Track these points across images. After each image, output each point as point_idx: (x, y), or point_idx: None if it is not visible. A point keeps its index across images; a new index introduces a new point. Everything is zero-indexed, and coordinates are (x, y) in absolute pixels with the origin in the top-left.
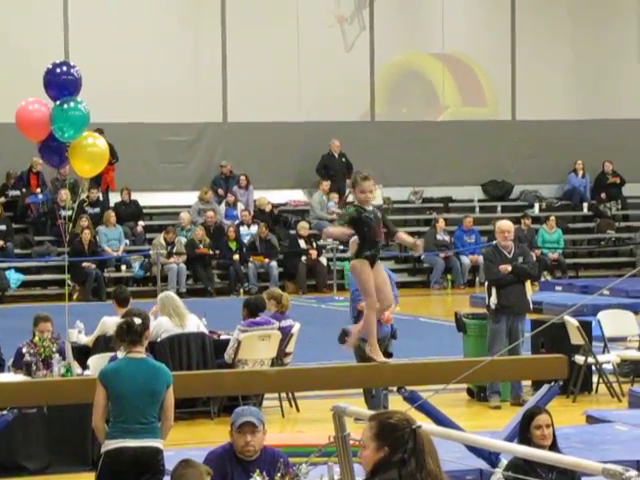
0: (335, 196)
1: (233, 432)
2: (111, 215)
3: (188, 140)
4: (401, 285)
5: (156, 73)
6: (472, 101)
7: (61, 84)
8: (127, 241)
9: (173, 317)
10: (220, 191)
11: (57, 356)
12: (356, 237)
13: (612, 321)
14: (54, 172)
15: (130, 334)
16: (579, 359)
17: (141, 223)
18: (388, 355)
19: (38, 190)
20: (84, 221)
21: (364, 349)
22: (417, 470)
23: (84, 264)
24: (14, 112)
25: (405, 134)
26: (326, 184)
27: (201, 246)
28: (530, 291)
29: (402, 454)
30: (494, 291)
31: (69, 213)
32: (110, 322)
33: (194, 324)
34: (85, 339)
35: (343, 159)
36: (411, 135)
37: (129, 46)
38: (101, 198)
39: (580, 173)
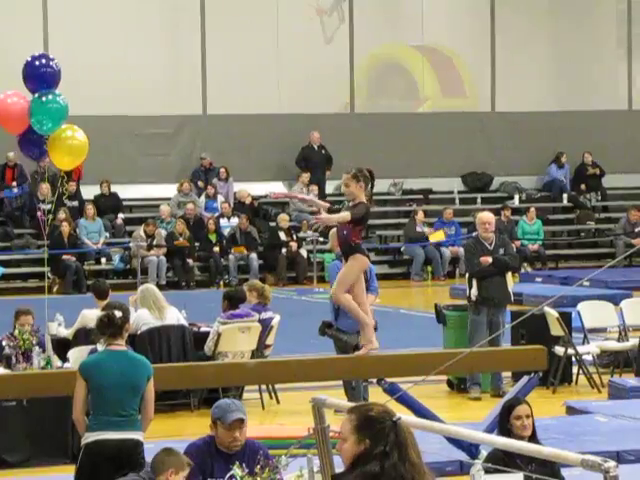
0: (314, 188)
1: (218, 427)
2: (90, 208)
3: (168, 132)
4: (381, 277)
5: (135, 65)
6: (452, 92)
7: (40, 77)
8: (107, 234)
9: (153, 309)
10: (200, 183)
11: (37, 349)
12: (335, 230)
13: (592, 312)
14: (34, 165)
15: (111, 327)
16: (559, 350)
17: (121, 216)
18: None
19: (14, 184)
20: (61, 214)
21: (344, 341)
22: (400, 462)
23: (64, 257)
24: None
25: (385, 126)
26: (306, 176)
27: (181, 238)
28: (511, 283)
29: (384, 447)
30: (475, 283)
31: (49, 206)
32: (90, 315)
33: (174, 316)
34: (65, 332)
35: (323, 151)
36: (391, 127)
37: (108, 38)
38: (80, 189)
39: (559, 164)
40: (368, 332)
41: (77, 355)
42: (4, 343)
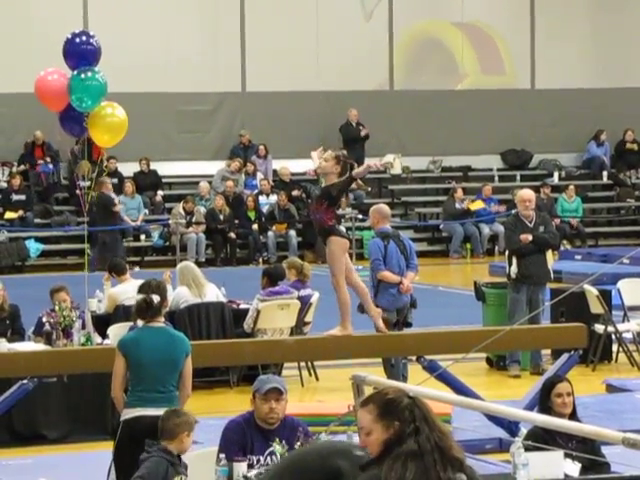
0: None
1: (256, 399)
2: (130, 185)
3: (207, 110)
4: (420, 254)
5: (174, 42)
6: (491, 70)
7: (80, 54)
8: (146, 211)
9: (192, 287)
10: (239, 161)
11: (77, 325)
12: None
13: (632, 290)
14: (71, 142)
15: (149, 311)
16: (599, 328)
17: (160, 193)
18: (407, 324)
19: (47, 159)
20: (103, 181)
21: (383, 317)
22: (431, 433)
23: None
24: (33, 82)
25: (424, 103)
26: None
27: (221, 216)
28: (551, 260)
29: (413, 423)
30: (515, 260)
31: (88, 183)
32: (117, 293)
33: (213, 294)
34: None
35: (360, 128)
36: (430, 104)
37: (147, 15)
38: (117, 167)
39: (599, 142)
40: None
41: (117, 332)
42: (44, 319)
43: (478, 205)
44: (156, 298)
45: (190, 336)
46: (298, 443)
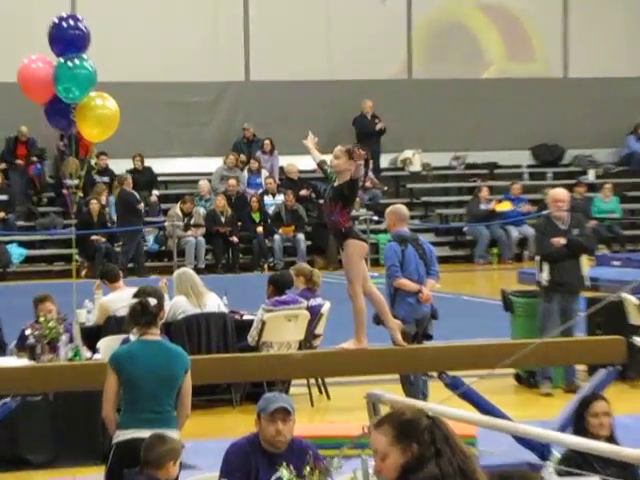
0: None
1: (262, 420)
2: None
3: (207, 101)
4: (442, 260)
5: (170, 27)
6: (520, 56)
7: (67, 39)
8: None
9: (191, 296)
10: (242, 157)
11: (64, 338)
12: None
13: None
14: (57, 137)
15: (145, 315)
16: (638, 341)
17: (155, 192)
18: (427, 337)
19: (34, 159)
20: (101, 189)
21: (401, 330)
22: (453, 456)
23: (93, 237)
24: (15, 71)
25: (446, 93)
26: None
27: (222, 218)
28: (586, 266)
29: (433, 445)
30: (546, 266)
31: (75, 182)
32: (109, 302)
33: (214, 303)
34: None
35: (376, 121)
36: (452, 94)
37: None
38: (109, 166)
39: (639, 136)
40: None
41: (108, 345)
42: (28, 332)
43: (505, 206)
44: (153, 301)
45: (189, 350)
46: (307, 468)
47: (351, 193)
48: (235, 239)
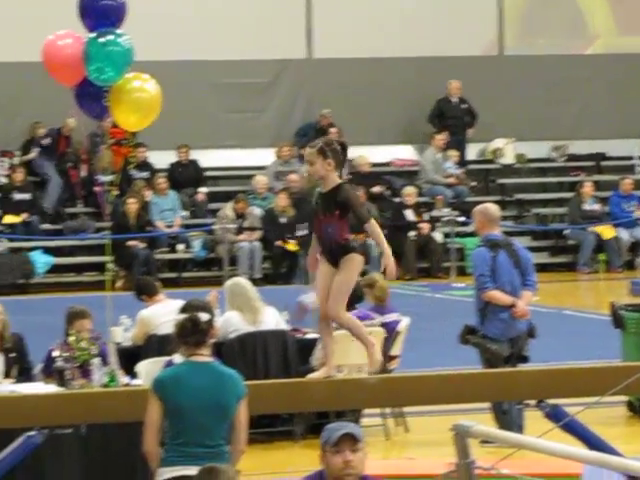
0: (454, 153)
1: (327, 453)
2: (163, 180)
3: (262, 82)
4: (540, 268)
5: None
6: (631, 29)
7: (100, 12)
8: (185, 213)
9: (245, 311)
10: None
11: (97, 361)
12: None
13: None
14: (92, 125)
15: (196, 334)
16: None
17: (202, 190)
18: (523, 359)
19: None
20: (139, 186)
21: (492, 350)
22: None
23: (130, 243)
24: (40, 48)
25: (543, 72)
26: (441, 138)
27: (283, 219)
28: None
29: None
30: None
31: (109, 178)
32: (151, 317)
33: (271, 320)
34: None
35: (464, 105)
36: (551, 74)
37: None
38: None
39: None
40: (374, 352)
41: (149, 369)
42: (56, 354)
43: (608, 234)
44: (204, 317)
45: (243, 374)
46: None
47: (346, 197)
48: (296, 244)
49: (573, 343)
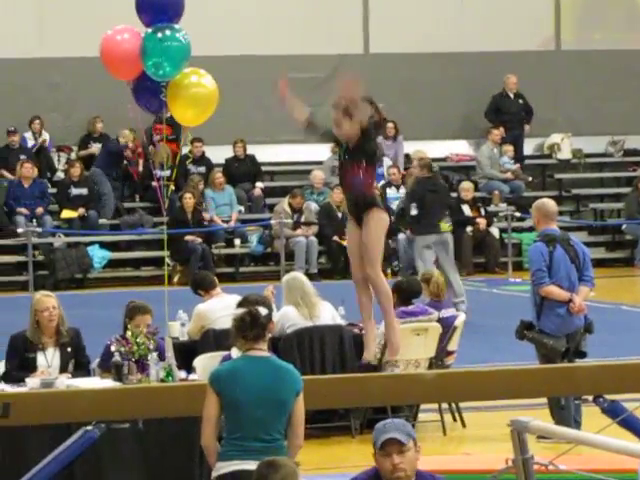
0: (509, 148)
1: (376, 454)
2: (220, 175)
3: (319, 77)
4: (597, 263)
5: None
6: None
7: (158, 7)
8: (241, 208)
9: (301, 306)
10: None
11: (154, 356)
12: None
13: None
14: (148, 119)
15: (255, 328)
16: None
17: (259, 185)
18: (581, 354)
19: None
20: (196, 181)
21: (549, 346)
22: None
23: (187, 238)
24: (98, 43)
25: (601, 67)
26: (497, 133)
27: (339, 214)
28: None
29: None
30: None
31: (167, 173)
32: (208, 310)
33: (328, 315)
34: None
35: (520, 100)
36: (608, 68)
37: None
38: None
39: None
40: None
41: (206, 364)
42: (113, 348)
43: None
44: (264, 311)
45: (300, 369)
46: None
47: (372, 144)
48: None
49: (630, 338)
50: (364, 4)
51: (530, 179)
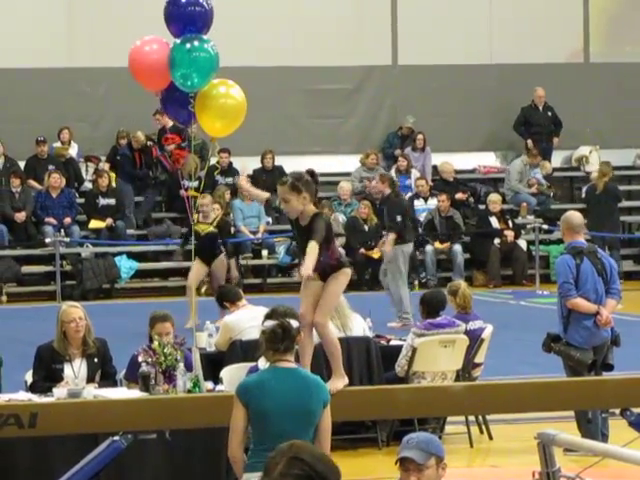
0: (547, 165)
1: (400, 469)
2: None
3: (347, 89)
4: (624, 276)
5: (306, 4)
6: None
7: (186, 18)
8: (269, 219)
9: (334, 317)
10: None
11: (182, 367)
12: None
13: None
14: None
15: (286, 340)
16: None
17: None
18: (608, 367)
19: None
20: (222, 191)
21: (576, 358)
22: None
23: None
24: (127, 54)
25: (629, 80)
26: (536, 153)
27: (365, 227)
28: None
29: None
30: None
31: (195, 184)
32: (234, 322)
33: (359, 327)
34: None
35: (549, 113)
36: (637, 81)
37: None
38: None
39: None
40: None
41: (233, 375)
42: (140, 359)
43: None
44: (295, 323)
45: (327, 380)
46: None
47: (324, 226)
48: (379, 251)
49: None
50: (392, 16)
51: (552, 193)
